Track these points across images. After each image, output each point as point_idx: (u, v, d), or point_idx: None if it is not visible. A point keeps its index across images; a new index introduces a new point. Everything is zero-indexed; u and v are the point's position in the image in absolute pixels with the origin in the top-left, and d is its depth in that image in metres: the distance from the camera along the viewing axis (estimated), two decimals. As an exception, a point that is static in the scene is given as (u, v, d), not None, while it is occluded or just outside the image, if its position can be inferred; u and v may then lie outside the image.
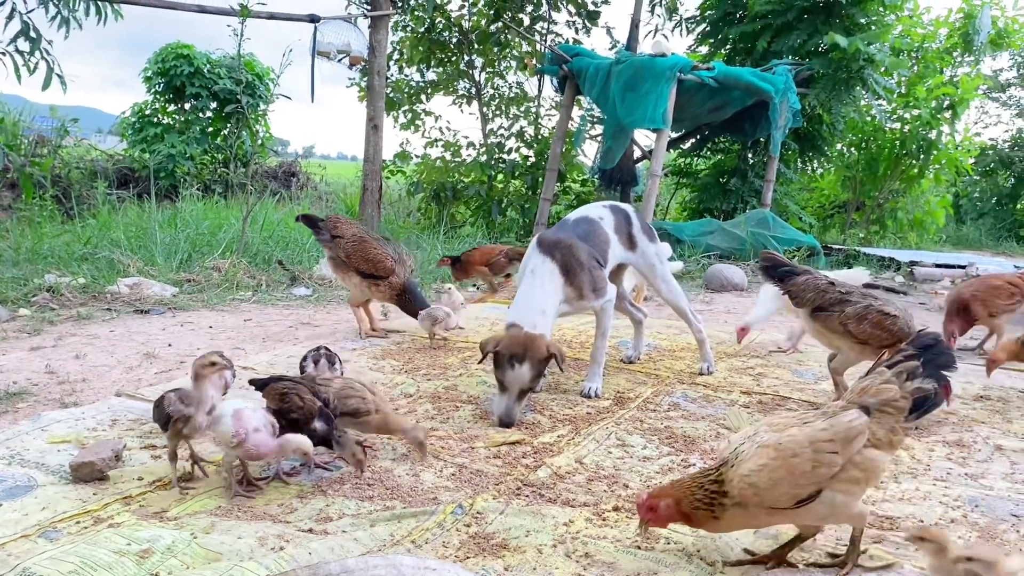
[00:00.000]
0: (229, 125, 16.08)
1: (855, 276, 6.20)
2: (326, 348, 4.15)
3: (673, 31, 14.39)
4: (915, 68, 13.56)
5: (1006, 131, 21.07)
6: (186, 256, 8.23)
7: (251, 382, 3.46)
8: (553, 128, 12.75)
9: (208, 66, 15.63)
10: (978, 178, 19.43)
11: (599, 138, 12.94)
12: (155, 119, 16.00)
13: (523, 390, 4.04)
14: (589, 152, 13.83)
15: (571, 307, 4.56)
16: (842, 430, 2.46)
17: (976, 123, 21.43)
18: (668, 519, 2.52)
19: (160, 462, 3.25)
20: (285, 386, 3.28)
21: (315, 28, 9.76)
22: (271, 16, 8.74)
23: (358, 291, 5.77)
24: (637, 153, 13.01)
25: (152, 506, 2.87)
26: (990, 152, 19.35)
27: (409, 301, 5.72)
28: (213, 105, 15.97)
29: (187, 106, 16.15)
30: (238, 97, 9.44)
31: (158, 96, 16.08)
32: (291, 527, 2.74)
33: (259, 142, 16.20)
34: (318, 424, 3.15)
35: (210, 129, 16.05)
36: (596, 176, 13.11)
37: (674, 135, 13.07)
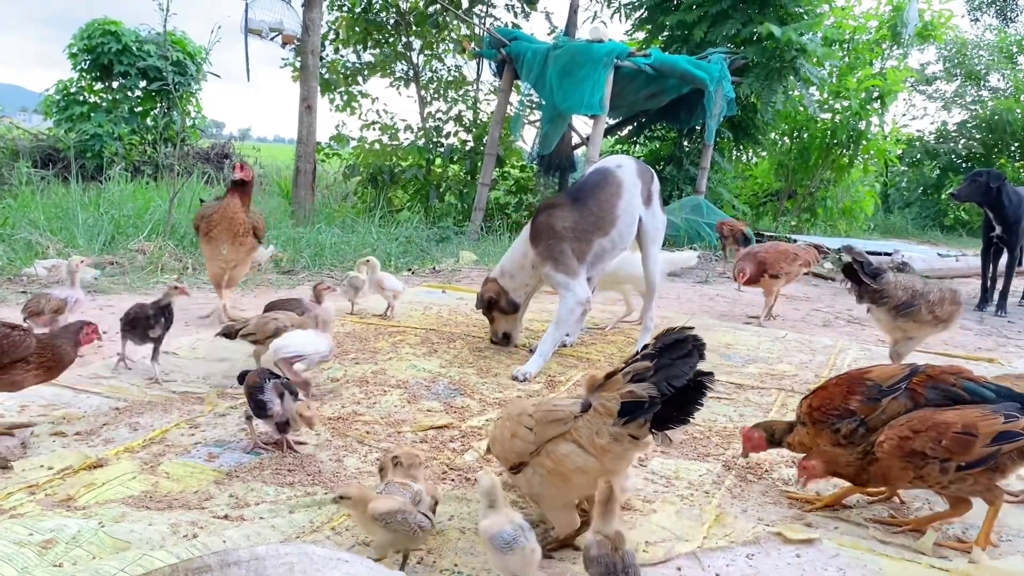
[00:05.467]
0: (159, 105, 15.60)
1: (683, 258, 6.32)
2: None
3: (612, 17, 14.42)
4: (845, 59, 13.84)
5: (932, 123, 21.67)
6: (109, 238, 7.95)
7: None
8: (492, 112, 12.67)
9: (137, 43, 15.10)
10: (905, 169, 19.97)
11: (537, 123, 12.91)
12: (81, 97, 15.42)
13: (491, 319, 5.11)
14: (528, 138, 13.81)
15: (539, 270, 4.89)
16: (543, 412, 2.43)
17: (904, 115, 22.05)
18: None
19: (69, 449, 3.12)
20: None
21: (246, 5, 9.53)
22: (199, -9, 8.47)
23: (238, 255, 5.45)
24: (575, 139, 13.02)
25: (59, 495, 2.75)
26: (917, 144, 19.91)
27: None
28: (142, 84, 15.43)
29: (115, 84, 15.58)
30: (164, 74, 9.13)
31: (84, 74, 15.49)
32: (206, 514, 2.65)
33: (190, 123, 15.78)
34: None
35: (139, 109, 15.54)
36: (534, 162, 13.09)
37: (611, 122, 13.10)
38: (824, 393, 2.98)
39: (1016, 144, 19.05)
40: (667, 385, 2.25)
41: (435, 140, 13.44)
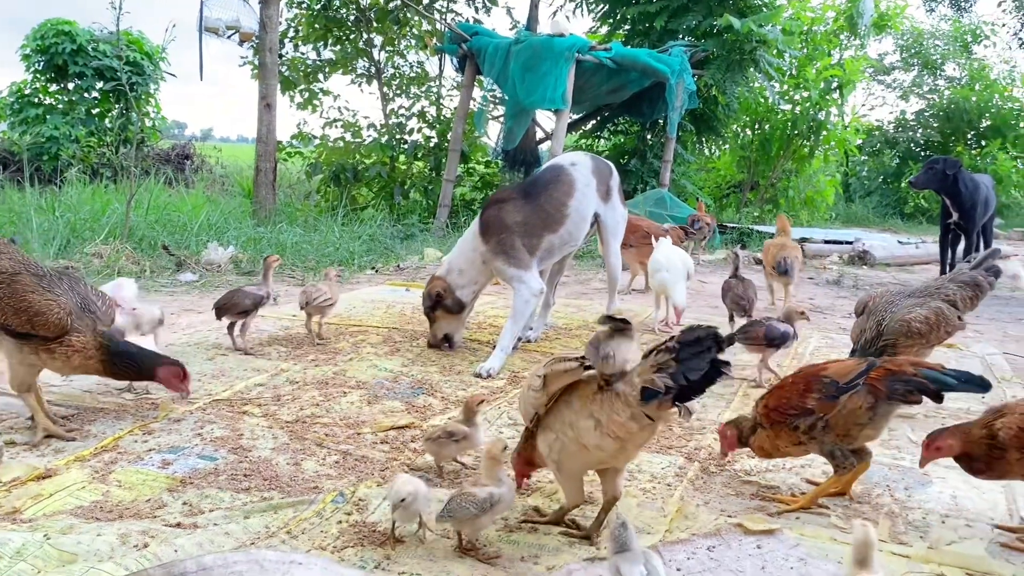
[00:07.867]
0: (117, 106, 15.34)
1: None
2: None
3: (574, 12, 14.39)
4: (804, 50, 13.96)
5: (891, 113, 21.98)
6: (65, 242, 7.79)
7: None
8: (455, 108, 12.61)
9: (92, 43, 14.82)
10: (865, 158, 20.21)
11: (501, 119, 12.86)
12: (35, 99, 15.12)
13: (433, 319, 4.84)
14: (492, 133, 13.75)
15: (490, 265, 4.78)
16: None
17: (863, 105, 22.30)
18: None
19: (15, 460, 3.04)
20: None
21: (202, 3, 9.38)
22: (152, -11, 8.32)
23: (19, 367, 3.35)
24: (539, 134, 13.00)
25: (4, 508, 2.67)
26: (876, 133, 20.14)
27: (124, 365, 3.42)
28: (99, 84, 15.18)
29: (71, 86, 15.31)
30: (119, 74, 8.98)
31: (38, 75, 15.20)
32: (158, 522, 2.59)
33: (150, 124, 15.54)
34: None
35: (96, 110, 15.27)
36: (499, 157, 13.04)
37: (574, 116, 13.09)
38: (780, 392, 2.92)
39: (972, 132, 19.35)
40: (683, 377, 2.30)
41: (398, 137, 13.34)
